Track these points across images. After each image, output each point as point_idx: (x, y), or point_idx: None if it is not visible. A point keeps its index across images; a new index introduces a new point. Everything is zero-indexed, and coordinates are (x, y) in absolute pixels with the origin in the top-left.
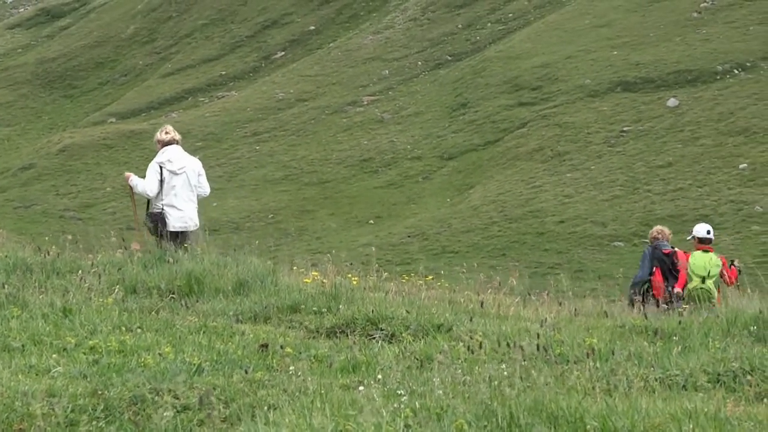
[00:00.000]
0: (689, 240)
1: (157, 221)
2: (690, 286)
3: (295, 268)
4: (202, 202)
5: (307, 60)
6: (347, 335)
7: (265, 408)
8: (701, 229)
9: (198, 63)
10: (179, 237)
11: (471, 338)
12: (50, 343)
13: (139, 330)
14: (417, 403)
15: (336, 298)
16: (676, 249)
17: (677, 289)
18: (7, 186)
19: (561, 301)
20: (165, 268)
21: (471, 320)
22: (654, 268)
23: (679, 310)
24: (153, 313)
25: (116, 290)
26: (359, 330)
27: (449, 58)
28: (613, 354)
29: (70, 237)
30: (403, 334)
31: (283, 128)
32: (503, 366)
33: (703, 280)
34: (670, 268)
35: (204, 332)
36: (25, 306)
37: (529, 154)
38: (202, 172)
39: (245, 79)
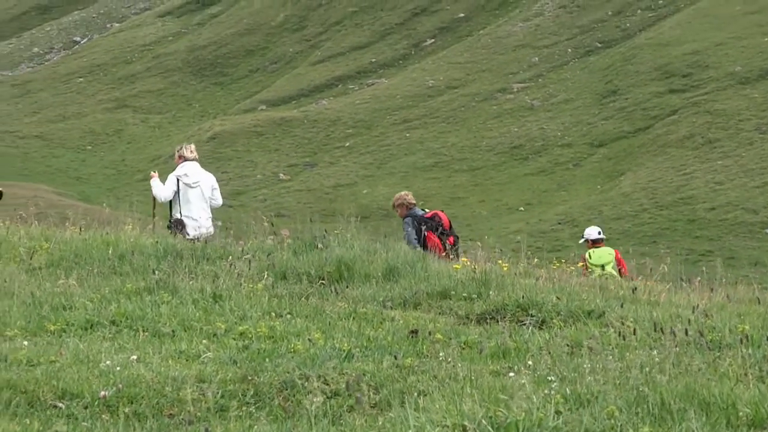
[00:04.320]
0: (581, 243)
1: (176, 226)
2: (593, 276)
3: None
4: (351, 190)
5: (457, 47)
6: (497, 321)
7: (415, 394)
8: (593, 232)
9: (348, 50)
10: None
11: (622, 324)
12: (200, 328)
13: (288, 316)
14: (568, 389)
15: (486, 284)
16: (436, 211)
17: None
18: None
19: (713, 287)
20: (315, 255)
21: (622, 306)
22: (425, 233)
23: None
24: (303, 299)
25: (266, 276)
26: (509, 316)
27: (599, 45)
28: (766, 340)
29: (220, 223)
30: (554, 320)
31: (433, 115)
32: (654, 352)
33: (603, 267)
34: (437, 227)
35: (354, 318)
36: (175, 292)
37: (679, 141)
38: (216, 186)
39: (395, 67)
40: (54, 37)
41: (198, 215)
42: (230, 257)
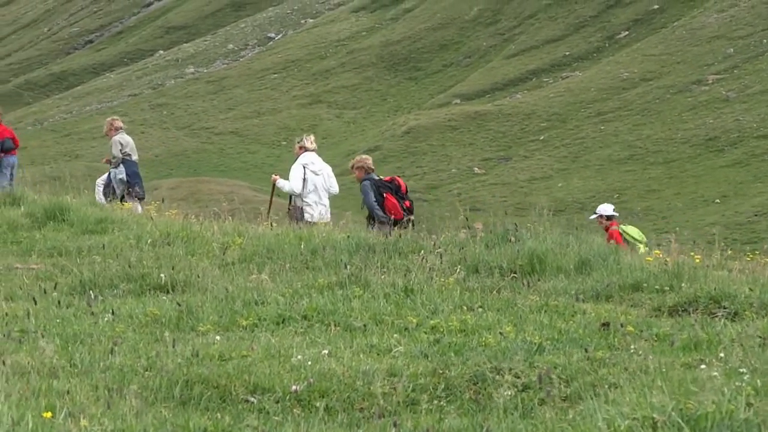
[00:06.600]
0: (592, 219)
1: (295, 214)
2: (640, 251)
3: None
4: (545, 183)
5: (651, 39)
6: (689, 313)
7: (606, 387)
8: (608, 208)
9: (542, 43)
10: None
11: None
12: (392, 322)
13: (480, 309)
14: (759, 381)
15: (679, 277)
16: (393, 176)
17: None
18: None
19: None
20: (507, 248)
21: None
22: (384, 194)
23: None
24: (494, 292)
25: (458, 270)
26: (702, 308)
27: None
28: None
29: (413, 217)
30: (746, 312)
31: (628, 108)
32: None
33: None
34: (396, 192)
35: (545, 311)
36: (367, 286)
37: None
38: (333, 175)
39: (589, 60)
40: (248, 34)
41: (323, 201)
42: (422, 251)
